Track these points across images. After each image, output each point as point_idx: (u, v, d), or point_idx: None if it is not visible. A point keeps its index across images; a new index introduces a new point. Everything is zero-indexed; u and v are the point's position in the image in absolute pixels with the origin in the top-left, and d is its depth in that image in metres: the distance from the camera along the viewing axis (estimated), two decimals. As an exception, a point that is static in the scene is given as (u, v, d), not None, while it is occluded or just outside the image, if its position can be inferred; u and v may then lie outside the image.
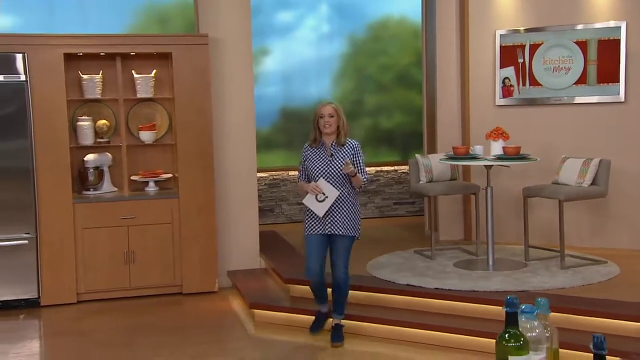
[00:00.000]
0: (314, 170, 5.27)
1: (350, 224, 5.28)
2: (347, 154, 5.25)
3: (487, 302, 5.59)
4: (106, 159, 7.03)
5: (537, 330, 1.85)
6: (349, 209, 5.28)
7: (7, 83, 6.49)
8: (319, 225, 5.28)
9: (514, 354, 1.78)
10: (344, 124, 5.29)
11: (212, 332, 6.01)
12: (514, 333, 1.80)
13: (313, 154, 5.33)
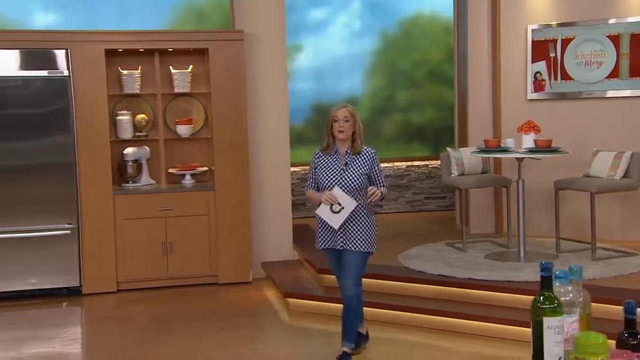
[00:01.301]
0: (325, 180, 4.72)
1: (365, 238, 4.76)
2: (363, 164, 4.74)
3: (518, 291, 5.65)
4: (144, 152, 7.18)
5: (570, 294, 1.93)
6: (364, 221, 4.75)
7: (51, 78, 6.69)
8: (330, 239, 4.78)
9: (548, 315, 1.88)
10: (360, 129, 4.75)
11: (248, 321, 6.14)
12: (549, 296, 1.89)
13: (325, 161, 4.78)
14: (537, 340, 1.88)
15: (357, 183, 4.69)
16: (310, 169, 4.90)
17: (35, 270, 6.68)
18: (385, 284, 6.13)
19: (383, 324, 5.68)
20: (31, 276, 6.66)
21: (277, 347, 5.52)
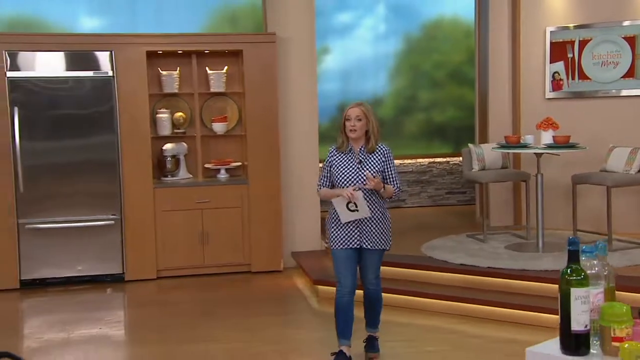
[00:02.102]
0: (341, 178, 4.42)
1: (381, 236, 4.51)
2: (377, 161, 4.45)
3: (538, 279, 5.70)
4: (182, 148, 7.25)
5: (596, 268, 2.00)
6: (379, 220, 4.49)
7: (96, 78, 6.81)
8: (346, 239, 4.47)
9: (575, 286, 1.94)
10: (374, 128, 4.44)
11: (279, 306, 6.23)
12: (576, 268, 1.95)
13: (340, 160, 4.47)
14: (565, 309, 1.94)
15: (364, 183, 4.37)
16: (324, 168, 4.57)
17: (82, 258, 6.81)
18: (410, 272, 6.19)
19: (407, 310, 5.75)
20: (78, 263, 6.80)
21: (308, 331, 5.59)
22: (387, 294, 5.81)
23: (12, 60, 6.64)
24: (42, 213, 6.74)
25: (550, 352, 1.98)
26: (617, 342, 1.87)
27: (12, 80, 6.63)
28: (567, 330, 1.94)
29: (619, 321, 1.89)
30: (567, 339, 1.94)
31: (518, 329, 5.33)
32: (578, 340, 1.93)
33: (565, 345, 1.95)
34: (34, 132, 6.72)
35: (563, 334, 1.95)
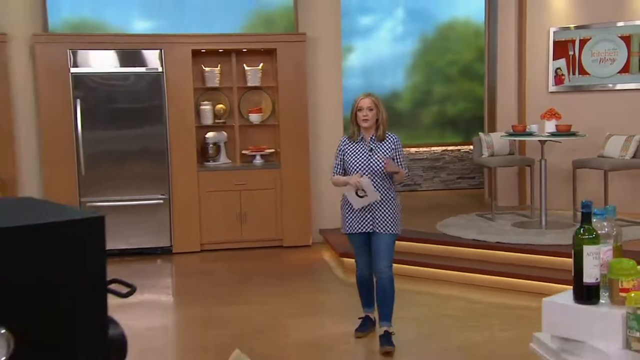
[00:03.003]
0: (353, 165, 4.23)
1: (392, 221, 4.27)
2: (387, 149, 4.23)
3: (542, 253, 5.71)
4: (222, 136, 7.30)
5: (606, 228, 2.01)
6: (390, 205, 4.26)
7: (147, 74, 6.88)
8: (358, 223, 4.28)
9: (587, 244, 1.96)
10: (384, 117, 4.22)
11: (308, 276, 6.26)
12: (588, 228, 1.97)
13: (352, 148, 4.26)
14: (578, 264, 1.96)
15: (382, 168, 4.18)
16: (337, 156, 4.36)
17: (135, 232, 6.90)
18: (426, 246, 6.21)
19: (425, 280, 5.78)
20: (131, 237, 6.89)
21: (334, 297, 5.65)
22: (406, 266, 5.90)
23: (74, 58, 6.73)
24: (101, 193, 6.84)
25: (564, 302, 2.00)
26: (624, 293, 1.89)
27: (75, 75, 6.72)
28: (579, 282, 1.96)
29: (626, 274, 1.90)
30: (579, 290, 1.96)
31: (522, 296, 5.35)
32: (589, 291, 1.95)
33: (578, 295, 1.97)
34: (94, 122, 6.80)
35: (576, 286, 1.97)
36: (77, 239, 1.30)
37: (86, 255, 1.31)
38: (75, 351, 1.27)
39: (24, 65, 6.82)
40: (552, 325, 2.01)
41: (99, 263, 1.33)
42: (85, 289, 1.30)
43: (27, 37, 6.79)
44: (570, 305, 1.97)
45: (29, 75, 6.83)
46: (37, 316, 1.23)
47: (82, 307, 1.29)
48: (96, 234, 1.33)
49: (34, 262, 1.24)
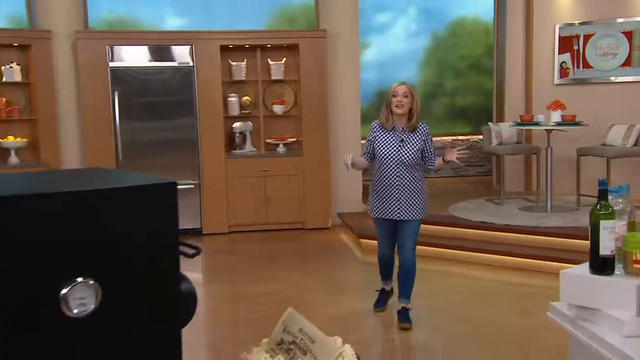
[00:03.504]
0: (384, 154, 4.03)
1: (421, 207, 4.12)
2: (417, 141, 4.01)
3: (547, 234, 5.70)
4: (248, 126, 7.30)
5: (620, 204, 2.01)
6: (419, 193, 4.09)
7: (180, 68, 6.90)
8: (387, 210, 4.11)
9: (604, 219, 1.96)
10: (418, 107, 4.01)
11: (329, 255, 6.29)
12: (604, 204, 1.96)
13: (383, 136, 4.05)
14: (595, 238, 1.97)
15: (413, 159, 4.00)
16: (368, 142, 4.15)
17: (168, 214, 6.95)
18: (439, 228, 6.20)
19: (437, 259, 5.78)
20: (164, 219, 6.94)
21: (353, 274, 5.68)
22: (421, 247, 5.88)
23: (112, 53, 6.77)
24: (136, 178, 6.89)
25: (581, 273, 2.00)
26: (638, 265, 1.89)
27: (113, 69, 6.76)
28: (596, 255, 1.96)
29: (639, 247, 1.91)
30: (595, 262, 1.97)
31: (528, 274, 5.36)
32: (605, 263, 1.96)
33: (594, 267, 1.97)
34: (130, 114, 6.83)
35: (592, 258, 1.97)
36: (154, 201, 1.33)
37: (161, 216, 1.34)
38: (152, 301, 1.31)
39: (66, 59, 6.88)
40: (569, 295, 2.01)
41: (173, 223, 1.36)
42: (161, 246, 1.34)
43: (70, 34, 6.84)
44: (587, 276, 1.98)
45: (71, 69, 6.89)
46: (121, 270, 1.26)
47: (158, 262, 1.33)
48: (170, 197, 1.37)
49: (118, 221, 1.27)
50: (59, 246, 1.21)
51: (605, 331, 1.88)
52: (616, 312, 1.87)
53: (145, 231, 1.32)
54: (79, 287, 1.21)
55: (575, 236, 5.56)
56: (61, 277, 1.20)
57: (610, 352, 1.81)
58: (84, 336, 1.22)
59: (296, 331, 1.40)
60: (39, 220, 1.21)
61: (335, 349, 1.38)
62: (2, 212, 1.18)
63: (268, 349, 1.45)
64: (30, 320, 1.18)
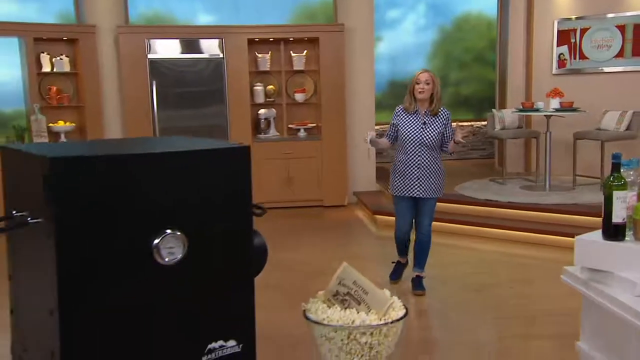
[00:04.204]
0: (407, 136, 3.99)
1: (439, 186, 4.10)
2: (439, 124, 3.98)
3: (546, 211, 5.69)
4: (272, 113, 7.29)
5: (632, 177, 1.99)
6: (437, 173, 4.06)
7: (211, 59, 6.89)
8: (409, 188, 4.05)
9: (616, 189, 1.95)
10: (438, 93, 3.97)
11: (346, 230, 6.30)
12: (617, 176, 1.95)
13: (407, 120, 4.01)
14: (607, 207, 1.97)
15: (434, 141, 3.96)
16: (391, 125, 4.11)
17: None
18: (447, 206, 6.13)
19: (446, 234, 5.75)
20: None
21: (369, 247, 5.69)
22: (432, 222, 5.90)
23: (150, 46, 6.77)
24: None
25: (595, 239, 2.00)
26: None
27: (151, 61, 6.76)
28: (608, 222, 1.96)
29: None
30: (608, 229, 1.97)
31: (529, 246, 5.36)
32: (617, 230, 1.95)
33: (607, 233, 1.97)
34: (166, 102, 6.84)
35: (605, 225, 1.97)
36: (232, 162, 1.36)
37: (238, 175, 1.37)
38: (230, 252, 1.35)
39: (109, 52, 6.89)
40: (583, 259, 2.02)
41: (247, 183, 1.39)
42: (237, 203, 1.37)
43: (112, 29, 6.85)
44: (600, 242, 1.98)
45: (114, 60, 6.90)
46: (204, 223, 1.29)
47: (235, 217, 1.36)
48: (244, 159, 1.40)
49: (202, 180, 1.30)
50: (152, 201, 1.25)
51: (617, 291, 1.88)
52: (627, 274, 1.88)
53: (224, 189, 1.35)
54: (168, 237, 1.24)
55: (572, 212, 5.56)
56: (153, 228, 1.23)
57: (623, 309, 1.82)
58: (173, 281, 1.26)
59: (350, 283, 1.42)
60: (139, 178, 1.24)
61: (387, 300, 1.40)
62: (112, 172, 1.21)
63: (325, 299, 1.47)
64: (131, 266, 1.21)
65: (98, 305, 1.19)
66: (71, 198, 1.16)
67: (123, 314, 1.22)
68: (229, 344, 1.33)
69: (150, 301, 1.23)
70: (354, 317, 1.37)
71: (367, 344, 1.34)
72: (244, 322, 1.37)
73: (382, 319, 1.36)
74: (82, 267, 1.17)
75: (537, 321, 3.80)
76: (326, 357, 1.41)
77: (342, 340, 1.35)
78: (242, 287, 1.38)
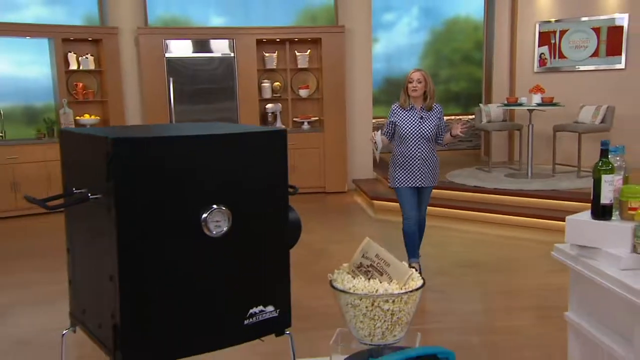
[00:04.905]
0: (407, 131, 3.86)
1: (436, 175, 4.02)
2: (434, 117, 3.89)
3: (529, 196, 5.72)
4: (278, 107, 7.27)
5: (618, 162, 1.99)
6: (435, 163, 3.96)
7: (223, 58, 6.86)
8: (411, 179, 3.92)
9: (604, 173, 1.94)
10: (432, 89, 3.87)
11: (347, 214, 6.32)
12: (605, 161, 1.94)
13: (404, 116, 3.88)
14: (597, 190, 1.97)
15: (431, 133, 3.87)
16: (388, 122, 3.97)
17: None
18: (439, 192, 6.10)
19: (437, 217, 5.78)
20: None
21: (367, 229, 5.68)
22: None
23: (168, 46, 6.74)
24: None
25: (585, 219, 2.02)
26: (632, 211, 1.90)
27: (168, 60, 6.74)
28: (597, 203, 1.97)
29: (634, 197, 1.91)
30: (597, 209, 1.98)
31: (513, 228, 5.40)
32: (605, 210, 1.96)
33: (595, 213, 1.98)
34: (183, 97, 6.81)
35: (594, 206, 1.98)
36: (271, 144, 1.39)
37: (275, 156, 1.40)
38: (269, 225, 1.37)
39: (130, 51, 6.86)
40: (574, 236, 2.04)
41: (284, 163, 1.42)
42: (275, 181, 1.40)
43: (133, 30, 6.82)
44: (589, 221, 1.99)
45: (134, 59, 6.87)
46: (246, 199, 1.32)
47: (273, 195, 1.39)
48: (282, 142, 1.42)
49: (245, 160, 1.33)
50: (201, 178, 1.27)
51: (605, 266, 1.90)
52: (614, 250, 1.90)
53: (265, 169, 1.38)
54: (215, 212, 1.26)
55: (552, 197, 5.59)
56: (202, 204, 1.25)
57: (609, 282, 1.85)
58: (219, 252, 1.28)
59: (373, 256, 1.44)
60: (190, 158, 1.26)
61: (407, 271, 1.43)
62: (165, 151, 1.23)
63: (349, 270, 1.49)
64: (183, 237, 1.24)
65: (153, 271, 1.22)
66: (131, 175, 1.19)
67: (174, 279, 1.25)
68: (267, 309, 1.35)
69: (199, 269, 1.26)
70: (377, 287, 1.40)
71: (389, 311, 1.37)
72: (280, 289, 1.40)
73: (403, 288, 1.39)
74: (140, 237, 1.20)
75: (520, 295, 3.84)
76: (351, 322, 1.43)
77: (367, 307, 1.37)
78: (279, 257, 1.40)
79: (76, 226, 1.40)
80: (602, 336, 1.93)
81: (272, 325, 1.37)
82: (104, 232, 1.21)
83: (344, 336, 1.47)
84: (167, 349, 1.25)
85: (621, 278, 1.80)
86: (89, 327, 1.35)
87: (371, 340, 1.37)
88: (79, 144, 1.35)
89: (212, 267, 1.28)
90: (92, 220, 1.27)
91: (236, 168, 1.30)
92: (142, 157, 1.19)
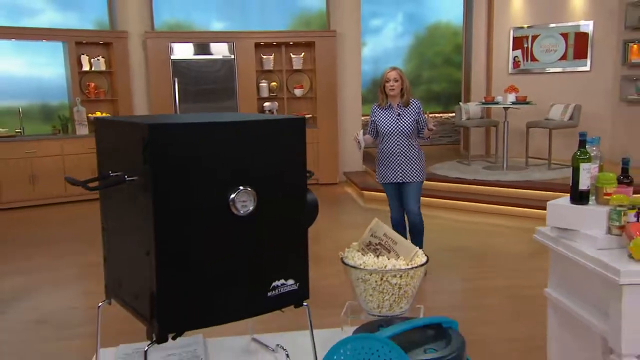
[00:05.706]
0: (386, 129, 3.70)
1: (419, 170, 3.78)
2: (412, 113, 3.69)
3: (505, 186, 5.77)
4: (275, 105, 7.25)
5: (594, 152, 2.02)
6: (416, 158, 3.74)
7: (225, 60, 6.83)
8: (391, 175, 3.77)
9: (582, 162, 1.97)
10: (407, 86, 3.69)
11: (339, 203, 6.31)
12: (584, 151, 1.98)
13: (382, 115, 3.72)
14: (575, 177, 2.01)
15: (410, 129, 3.69)
16: (370, 122, 3.83)
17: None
18: (424, 183, 6.16)
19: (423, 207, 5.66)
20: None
21: (358, 217, 5.71)
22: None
23: (173, 49, 6.69)
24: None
25: (564, 204, 2.05)
26: (607, 197, 1.94)
27: (173, 61, 6.68)
28: (576, 189, 2.01)
29: (609, 183, 1.95)
30: (575, 194, 2.01)
31: (491, 216, 5.44)
32: (582, 195, 2.00)
33: (574, 198, 2.02)
34: (187, 97, 6.75)
35: (573, 192, 2.02)
36: (291, 130, 1.40)
37: (295, 142, 1.41)
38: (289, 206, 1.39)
39: (138, 54, 6.80)
40: (554, 220, 2.07)
41: (302, 148, 1.43)
42: (295, 165, 1.41)
43: (141, 34, 6.75)
44: (568, 206, 2.02)
45: (142, 61, 6.81)
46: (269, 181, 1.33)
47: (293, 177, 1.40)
48: (301, 128, 1.43)
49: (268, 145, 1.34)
50: (229, 161, 1.28)
51: (582, 246, 1.94)
52: (591, 232, 1.93)
53: (286, 153, 1.39)
54: (242, 193, 1.27)
55: (525, 187, 5.65)
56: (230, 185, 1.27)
57: (587, 260, 1.88)
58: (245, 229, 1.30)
59: (381, 235, 1.46)
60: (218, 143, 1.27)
61: (412, 248, 1.45)
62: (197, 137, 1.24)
63: (359, 248, 1.51)
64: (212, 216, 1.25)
65: (186, 246, 1.23)
66: (165, 158, 1.20)
67: (205, 254, 1.26)
68: (288, 282, 1.37)
69: (227, 244, 1.28)
70: (386, 263, 1.42)
71: (396, 285, 1.39)
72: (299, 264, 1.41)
73: (409, 264, 1.41)
74: (174, 216, 1.21)
75: (498, 275, 3.90)
76: (361, 296, 1.45)
77: (376, 281, 1.40)
78: (298, 235, 1.42)
79: (112, 207, 1.41)
80: (580, 310, 1.97)
81: (292, 297, 1.39)
82: (140, 212, 1.22)
83: (353, 309, 1.49)
84: (198, 317, 1.27)
85: (598, 256, 1.83)
86: (125, 299, 1.36)
87: (380, 312, 1.40)
88: (115, 130, 1.35)
89: (239, 243, 1.29)
90: (128, 201, 1.27)
91: (261, 152, 1.32)
92: (176, 142, 1.20)
